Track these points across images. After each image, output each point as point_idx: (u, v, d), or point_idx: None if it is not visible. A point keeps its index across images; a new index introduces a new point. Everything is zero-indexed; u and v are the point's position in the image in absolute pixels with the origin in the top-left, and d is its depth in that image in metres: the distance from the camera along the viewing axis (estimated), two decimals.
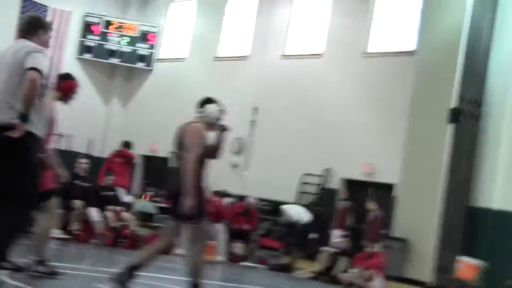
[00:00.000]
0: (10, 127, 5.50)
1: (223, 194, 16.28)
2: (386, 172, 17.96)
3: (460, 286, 14.88)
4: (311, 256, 16.03)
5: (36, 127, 5.70)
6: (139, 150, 22.10)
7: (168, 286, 8.04)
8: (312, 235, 15.94)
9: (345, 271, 13.09)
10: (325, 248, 14.19)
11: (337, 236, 15.77)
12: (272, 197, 17.12)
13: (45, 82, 5.76)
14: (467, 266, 14.55)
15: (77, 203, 12.62)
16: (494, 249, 15.78)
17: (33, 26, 6.02)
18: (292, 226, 14.65)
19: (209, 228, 13.77)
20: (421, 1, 17.74)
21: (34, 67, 5.60)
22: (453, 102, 16.46)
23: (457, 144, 16.61)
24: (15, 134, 5.47)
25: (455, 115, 16.43)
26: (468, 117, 16.73)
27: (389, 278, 14.03)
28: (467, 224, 16.62)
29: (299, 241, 14.81)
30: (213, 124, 7.08)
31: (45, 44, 6.02)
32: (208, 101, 7.21)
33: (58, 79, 7.40)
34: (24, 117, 5.51)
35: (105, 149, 22.70)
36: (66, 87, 7.39)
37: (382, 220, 15.06)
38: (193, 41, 23.98)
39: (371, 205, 15.01)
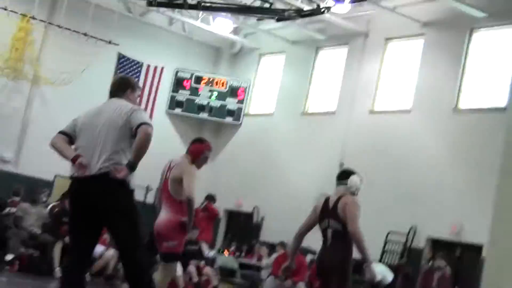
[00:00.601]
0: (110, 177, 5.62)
1: (306, 251, 16.21)
2: (474, 232, 17.49)
3: None
4: None
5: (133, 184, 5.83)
6: (224, 204, 22.30)
7: None
8: None
9: None
10: None
11: None
12: (355, 256, 16.85)
13: None
14: None
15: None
16: None
17: (122, 86, 6.22)
18: (376, 286, 14.39)
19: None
20: None
21: (147, 122, 5.78)
22: None
23: None
24: (119, 174, 5.59)
25: None
26: None
27: None
28: None
29: None
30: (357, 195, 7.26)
31: (134, 102, 6.20)
32: (350, 172, 7.30)
33: (190, 143, 7.62)
34: (132, 165, 5.66)
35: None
36: (194, 150, 7.55)
37: (450, 278, 14.75)
38: (281, 96, 24.22)
39: (440, 263, 14.70)
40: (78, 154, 5.82)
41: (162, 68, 24.68)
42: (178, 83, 24.95)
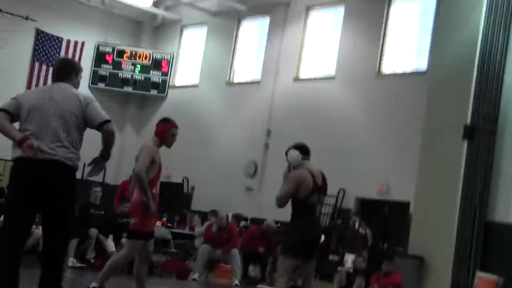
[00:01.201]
0: (64, 164, 5.77)
1: (238, 218, 16.39)
2: (401, 190, 17.96)
3: None
4: (327, 277, 16.03)
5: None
6: None
7: None
8: (332, 257, 15.98)
9: None
10: (341, 268, 14.17)
11: (352, 256, 15.86)
12: (287, 219, 17.08)
13: None
14: (484, 281, 14.47)
15: (93, 231, 12.71)
16: (511, 264, 15.69)
17: (66, 70, 6.19)
18: None
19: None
20: (432, 21, 17.82)
21: (108, 119, 5.95)
22: (468, 119, 16.48)
23: (473, 160, 16.58)
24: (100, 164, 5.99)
25: (470, 132, 16.42)
26: (483, 133, 16.70)
27: None
28: (484, 240, 16.54)
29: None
30: None
31: (76, 86, 6.20)
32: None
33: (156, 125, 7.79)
34: (106, 157, 6.01)
35: (119, 177, 22.86)
36: (160, 131, 7.72)
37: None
38: (205, 67, 24.20)
39: (355, 219, 15.56)
40: (26, 135, 5.81)
41: (82, 43, 24.29)
42: (100, 58, 24.62)
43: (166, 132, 7.71)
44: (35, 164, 5.76)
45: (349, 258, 16.29)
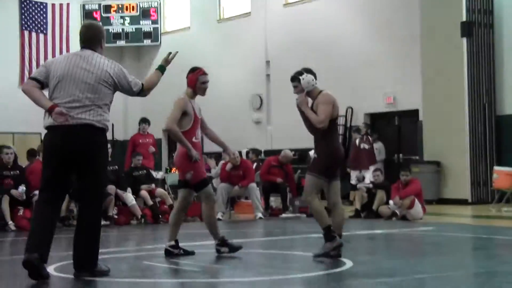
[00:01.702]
0: (94, 126, 5.94)
1: (256, 151, 16.46)
2: (409, 99, 17.93)
3: (499, 196, 14.91)
4: (348, 196, 16.16)
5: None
6: (161, 124, 22.29)
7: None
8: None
9: (384, 204, 13.15)
10: (360, 186, 14.26)
11: (356, 173, 16.15)
12: (299, 146, 17.16)
13: None
14: (503, 174, 14.56)
15: (111, 188, 12.77)
16: None
17: (96, 37, 6.26)
18: None
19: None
20: None
21: (142, 83, 6.40)
22: (464, 16, 16.36)
23: (474, 56, 16.52)
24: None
25: (468, 28, 16.32)
26: (481, 28, 16.60)
27: (427, 202, 14.11)
28: (497, 134, 16.61)
29: None
30: None
31: (102, 52, 6.29)
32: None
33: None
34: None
35: (127, 132, 22.95)
36: (189, 82, 7.80)
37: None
38: (194, 8, 23.95)
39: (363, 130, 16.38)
40: (55, 104, 5.94)
41: (68, 5, 24.02)
42: (88, 16, 24.34)
43: (195, 81, 7.76)
44: (66, 130, 5.93)
45: (353, 175, 16.46)
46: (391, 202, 12.89)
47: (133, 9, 24.62)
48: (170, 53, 6.92)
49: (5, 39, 23.01)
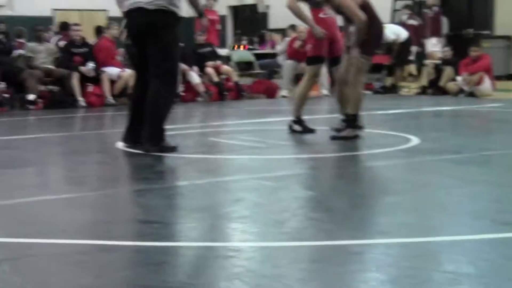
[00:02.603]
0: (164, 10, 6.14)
1: None
2: None
3: None
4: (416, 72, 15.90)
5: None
6: (226, 1, 22.10)
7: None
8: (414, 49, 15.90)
9: (452, 80, 12.94)
10: (428, 62, 14.00)
11: (434, 45, 15.58)
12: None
13: None
14: None
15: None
16: None
17: None
18: (391, 46, 14.38)
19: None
20: None
21: None
22: None
23: None
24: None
25: None
26: None
27: (497, 78, 13.81)
28: None
29: (401, 60, 14.53)
30: None
31: None
32: None
33: None
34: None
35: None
36: None
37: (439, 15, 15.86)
38: None
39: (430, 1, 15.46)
40: None
41: None
42: None
43: None
44: (140, 15, 6.20)
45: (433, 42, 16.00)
46: (459, 78, 12.66)
47: None
48: None
49: None
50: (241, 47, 17.52)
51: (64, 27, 14.77)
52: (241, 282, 2.75)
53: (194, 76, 12.92)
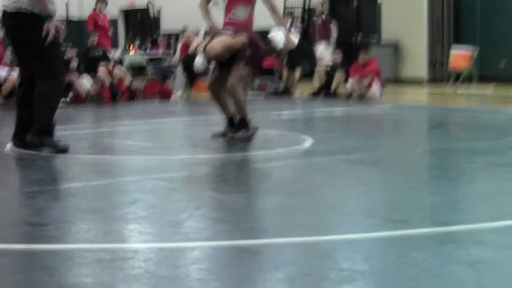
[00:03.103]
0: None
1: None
2: None
3: (455, 76, 15.09)
4: (307, 77, 16.16)
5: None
6: (117, 4, 21.87)
7: None
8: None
9: (343, 83, 13.21)
10: (318, 67, 14.26)
11: (323, 50, 15.91)
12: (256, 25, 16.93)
13: None
14: (459, 55, 14.68)
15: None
16: (484, 35, 15.84)
17: None
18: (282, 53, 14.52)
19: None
20: None
21: None
22: None
23: None
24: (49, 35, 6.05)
25: None
26: None
27: (386, 81, 14.21)
28: (456, 15, 16.61)
29: (292, 64, 14.71)
30: None
31: None
32: None
33: None
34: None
35: (84, 12, 22.40)
36: None
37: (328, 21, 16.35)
38: None
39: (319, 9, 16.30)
40: None
41: None
42: None
43: None
44: (6, 18, 6.27)
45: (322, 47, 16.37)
46: (349, 82, 12.95)
47: None
48: None
49: None
50: (133, 50, 17.35)
51: None
52: (139, 284, 2.71)
53: (84, 83, 12.63)
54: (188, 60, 13.86)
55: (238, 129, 6.96)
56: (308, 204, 4.23)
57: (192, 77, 14.26)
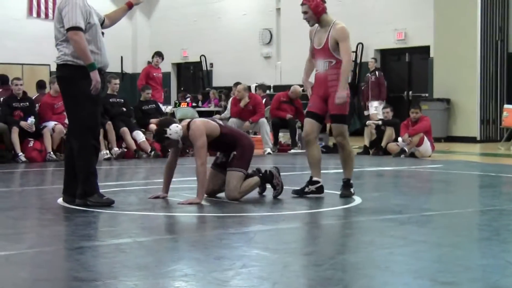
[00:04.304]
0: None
1: (262, 87, 16.43)
2: (420, 35, 17.74)
3: (508, 134, 14.89)
4: (357, 133, 16.14)
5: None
6: (169, 58, 22.25)
7: None
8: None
9: (393, 141, 13.15)
10: (369, 122, 14.23)
11: (375, 108, 15.95)
12: None
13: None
14: None
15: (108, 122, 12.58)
16: None
17: None
18: None
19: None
20: None
21: (73, 25, 6.14)
22: None
23: None
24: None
25: None
26: None
27: (437, 140, 14.10)
28: (508, 72, 16.51)
29: None
30: None
31: None
32: None
33: None
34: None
35: (137, 65, 22.87)
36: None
37: (382, 79, 16.78)
38: None
39: (372, 65, 16.55)
40: None
41: None
42: None
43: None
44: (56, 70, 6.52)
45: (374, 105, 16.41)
46: (400, 139, 12.89)
47: None
48: None
49: None
50: (184, 104, 17.58)
51: (4, 81, 14.60)
52: None
53: (139, 135, 12.77)
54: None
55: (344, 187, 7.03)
56: (356, 263, 4.20)
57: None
